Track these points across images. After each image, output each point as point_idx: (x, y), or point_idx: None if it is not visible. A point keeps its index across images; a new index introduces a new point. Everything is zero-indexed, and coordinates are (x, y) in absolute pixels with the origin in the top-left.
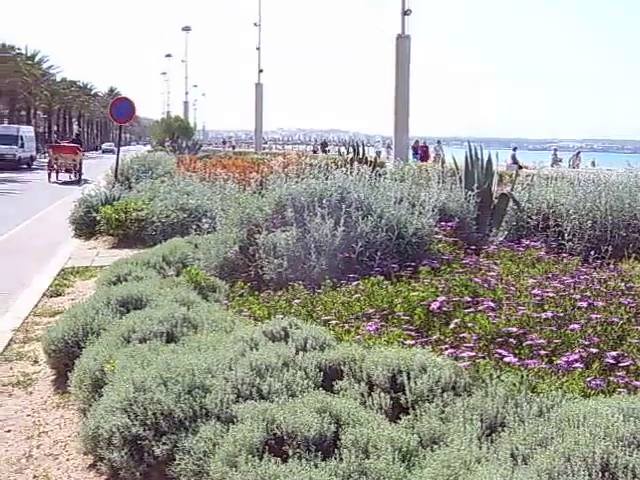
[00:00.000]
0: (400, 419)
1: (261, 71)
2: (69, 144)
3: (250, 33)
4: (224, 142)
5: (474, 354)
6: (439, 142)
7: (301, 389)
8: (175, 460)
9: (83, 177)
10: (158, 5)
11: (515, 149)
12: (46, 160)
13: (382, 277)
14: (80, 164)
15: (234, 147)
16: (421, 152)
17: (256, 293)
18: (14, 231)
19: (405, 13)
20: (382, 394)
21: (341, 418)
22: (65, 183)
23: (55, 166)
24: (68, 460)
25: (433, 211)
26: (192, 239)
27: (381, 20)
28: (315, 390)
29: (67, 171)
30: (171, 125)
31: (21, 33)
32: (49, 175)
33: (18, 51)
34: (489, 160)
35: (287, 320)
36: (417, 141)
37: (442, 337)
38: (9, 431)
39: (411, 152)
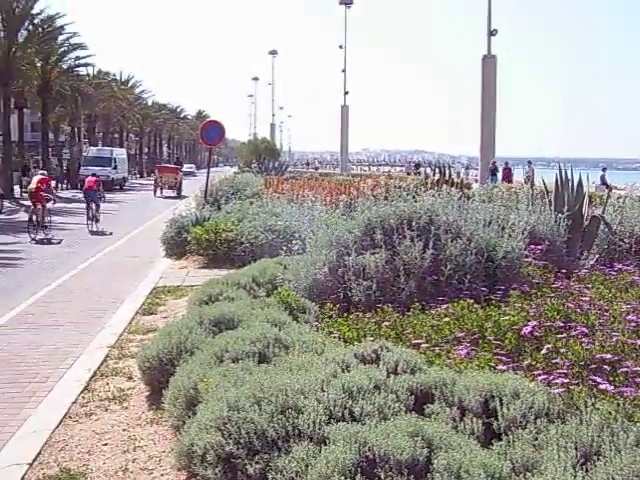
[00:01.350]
0: (492, 445)
1: (347, 93)
2: (172, 165)
3: (336, 56)
4: (307, 164)
5: (567, 381)
6: (530, 163)
7: (392, 412)
8: (267, 479)
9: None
10: (245, 30)
11: (605, 169)
12: (138, 181)
13: (471, 300)
14: (180, 182)
15: (317, 168)
16: (504, 173)
17: (345, 315)
18: (109, 248)
19: (491, 33)
20: (474, 419)
21: (433, 442)
22: (168, 197)
23: (160, 184)
24: (162, 475)
25: (523, 234)
26: (281, 260)
27: (468, 41)
28: (406, 413)
29: (169, 188)
30: (258, 147)
31: (116, 59)
32: (154, 191)
33: (113, 77)
34: (580, 182)
35: (378, 343)
36: (494, 162)
37: (534, 363)
38: (106, 444)
39: (480, 173)
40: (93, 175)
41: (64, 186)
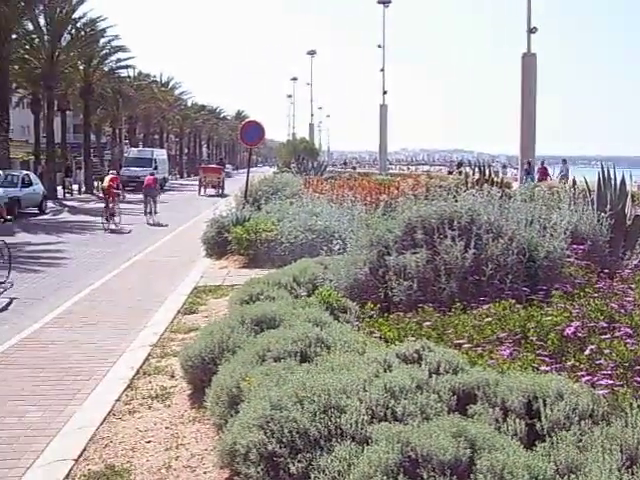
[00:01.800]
0: (535, 446)
1: (385, 92)
2: (215, 166)
3: (374, 55)
4: (345, 163)
5: (612, 382)
6: (565, 161)
7: (435, 412)
8: (310, 478)
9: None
10: (284, 30)
11: None
12: (178, 182)
13: (513, 301)
14: (223, 181)
15: (354, 168)
16: (540, 172)
17: (385, 315)
18: (151, 248)
19: (531, 31)
20: (517, 420)
21: (476, 443)
22: (211, 196)
23: (204, 183)
24: (205, 473)
25: (565, 233)
26: (322, 260)
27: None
28: (449, 414)
29: (213, 187)
30: (297, 147)
31: (156, 61)
32: (199, 190)
33: (153, 78)
34: (622, 180)
35: (420, 343)
36: (529, 161)
37: (577, 363)
38: (149, 442)
39: (520, 172)
40: (151, 174)
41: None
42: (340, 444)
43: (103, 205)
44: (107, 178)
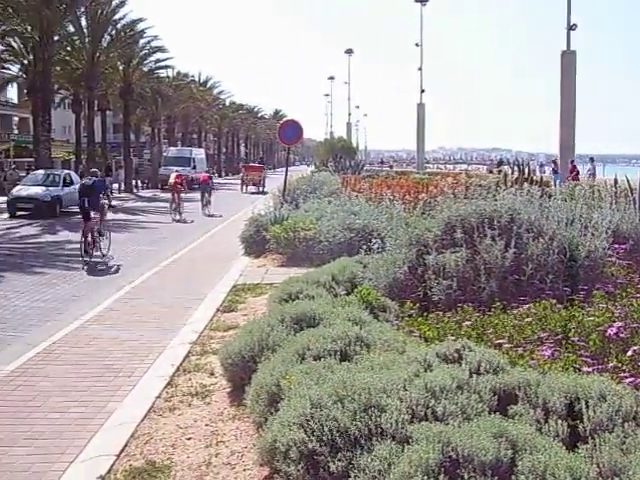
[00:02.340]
0: (577, 448)
1: (423, 91)
2: (256, 165)
3: (412, 54)
4: (382, 162)
5: None
6: (592, 160)
7: (475, 412)
8: (350, 477)
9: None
10: (321, 29)
11: None
12: (216, 181)
13: (554, 301)
14: (264, 179)
15: (391, 167)
16: (569, 171)
17: (425, 314)
18: (192, 246)
19: (570, 28)
20: (559, 421)
21: (518, 444)
22: (252, 193)
23: (245, 181)
24: (245, 470)
25: (606, 233)
26: (360, 259)
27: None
28: (490, 414)
29: (254, 185)
30: (334, 145)
31: (195, 61)
32: (241, 187)
33: (192, 78)
34: None
35: (460, 342)
36: (554, 160)
37: (620, 365)
38: (190, 439)
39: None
40: (206, 172)
41: (145, 185)
42: (380, 443)
43: (170, 199)
44: (173, 175)
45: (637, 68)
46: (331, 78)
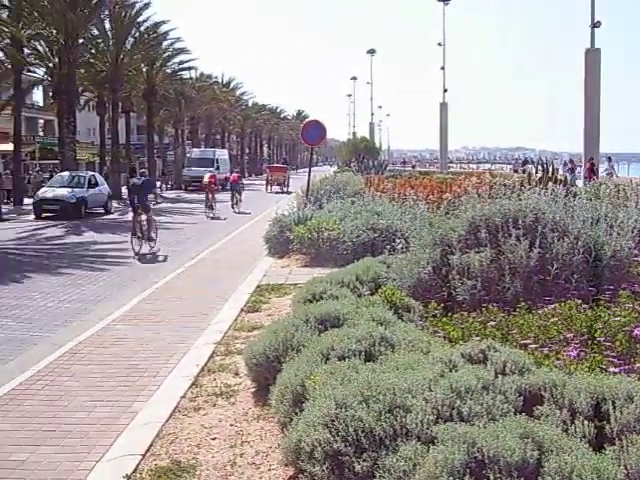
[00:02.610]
0: (604, 449)
1: (446, 91)
2: (280, 165)
3: (434, 53)
4: (404, 162)
5: None
6: (610, 159)
7: (501, 413)
8: (375, 477)
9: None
10: (343, 29)
11: None
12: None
13: (579, 301)
14: (288, 179)
15: (414, 166)
16: (587, 170)
17: (449, 314)
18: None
19: (595, 25)
20: (585, 422)
21: (544, 445)
22: (277, 193)
23: (270, 181)
24: (270, 470)
25: (632, 232)
26: (384, 259)
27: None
28: (515, 415)
29: (278, 185)
30: (357, 146)
31: (217, 62)
32: (266, 187)
33: (215, 79)
34: None
35: (485, 343)
36: (571, 160)
37: None
38: (214, 439)
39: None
40: (236, 172)
41: (168, 186)
42: (405, 444)
43: (204, 198)
44: (207, 176)
45: None
46: (354, 78)
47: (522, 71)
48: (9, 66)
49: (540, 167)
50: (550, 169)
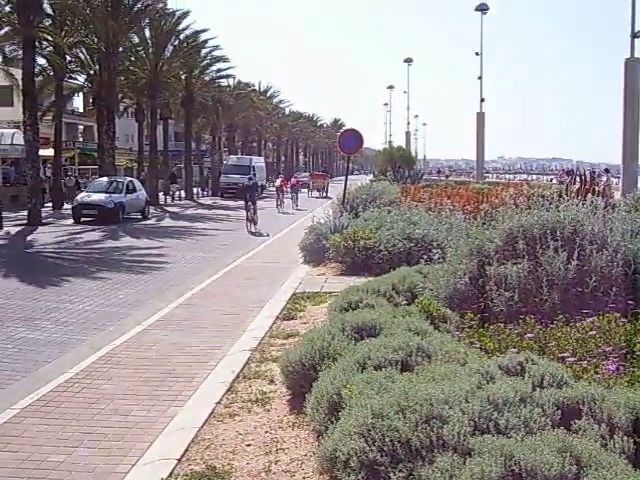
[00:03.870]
0: None
1: (483, 100)
2: (321, 173)
3: (471, 62)
4: (438, 171)
5: None
6: (607, 170)
7: (539, 426)
8: None
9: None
10: (381, 38)
11: None
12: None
13: (618, 314)
14: (327, 185)
15: (447, 176)
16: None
17: (485, 325)
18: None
19: (635, 35)
20: (624, 437)
21: (582, 459)
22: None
23: (311, 187)
24: (304, 478)
25: None
26: (420, 269)
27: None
28: (553, 428)
29: (318, 190)
30: (393, 155)
31: (255, 70)
32: (308, 192)
33: (252, 87)
34: None
35: (523, 355)
36: (593, 170)
37: None
38: (249, 445)
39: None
40: (295, 177)
41: (205, 193)
42: (442, 455)
43: (275, 197)
44: (278, 180)
45: None
46: (390, 87)
47: (560, 81)
48: (51, 73)
49: (579, 178)
50: (589, 180)
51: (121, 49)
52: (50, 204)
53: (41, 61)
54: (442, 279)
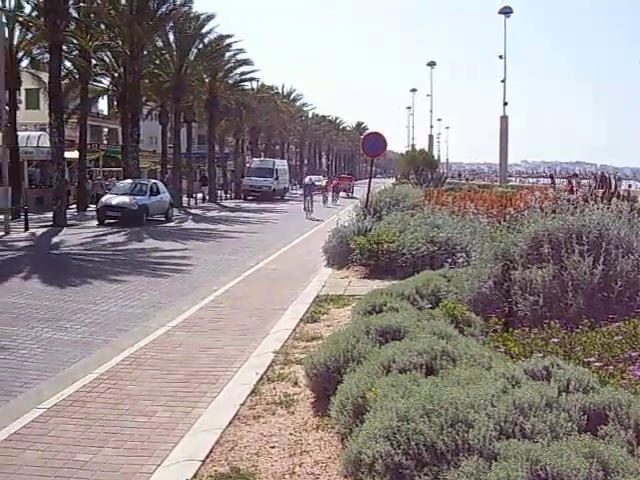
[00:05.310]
0: None
1: (506, 104)
2: (347, 175)
3: (495, 66)
4: (459, 175)
5: None
6: (576, 175)
7: (565, 432)
8: None
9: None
10: (403, 42)
11: None
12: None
13: None
14: (352, 187)
15: (468, 179)
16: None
17: (510, 329)
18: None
19: None
20: None
21: (609, 465)
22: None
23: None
24: None
25: None
26: (445, 272)
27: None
28: (579, 434)
29: (344, 191)
30: (416, 158)
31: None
32: (333, 193)
33: (275, 91)
34: None
35: (549, 359)
36: (602, 173)
37: None
38: (273, 447)
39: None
40: (339, 177)
41: (228, 195)
42: (467, 459)
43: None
44: (324, 181)
45: None
46: (413, 90)
47: (584, 85)
48: (77, 76)
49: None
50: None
51: (145, 52)
52: (74, 206)
53: (67, 64)
54: (466, 283)
